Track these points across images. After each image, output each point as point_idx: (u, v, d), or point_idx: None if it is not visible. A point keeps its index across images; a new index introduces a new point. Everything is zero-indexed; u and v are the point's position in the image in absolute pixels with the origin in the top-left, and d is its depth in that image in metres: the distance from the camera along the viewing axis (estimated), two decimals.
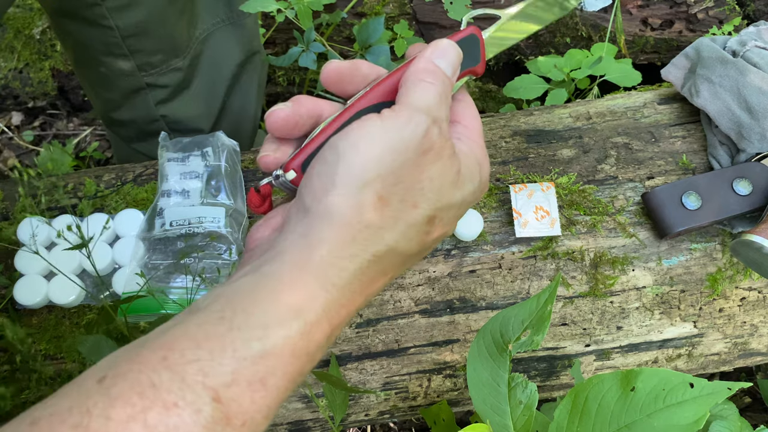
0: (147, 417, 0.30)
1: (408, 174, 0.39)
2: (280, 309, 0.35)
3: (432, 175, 0.40)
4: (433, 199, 0.40)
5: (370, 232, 0.38)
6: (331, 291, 0.36)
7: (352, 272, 0.37)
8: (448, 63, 0.44)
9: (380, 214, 0.38)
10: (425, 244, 0.42)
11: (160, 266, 0.75)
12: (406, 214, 0.39)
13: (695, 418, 0.54)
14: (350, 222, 0.37)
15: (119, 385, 0.31)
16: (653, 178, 0.82)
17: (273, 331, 0.34)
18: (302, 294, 0.35)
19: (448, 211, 0.41)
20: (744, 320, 0.80)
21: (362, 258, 0.38)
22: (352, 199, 0.37)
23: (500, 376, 0.62)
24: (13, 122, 1.40)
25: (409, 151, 0.39)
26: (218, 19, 0.95)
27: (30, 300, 0.75)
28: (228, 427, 0.32)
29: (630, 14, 1.26)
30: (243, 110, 1.04)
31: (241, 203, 0.80)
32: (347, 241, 0.37)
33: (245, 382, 0.33)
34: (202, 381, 0.32)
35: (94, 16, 0.82)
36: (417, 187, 0.39)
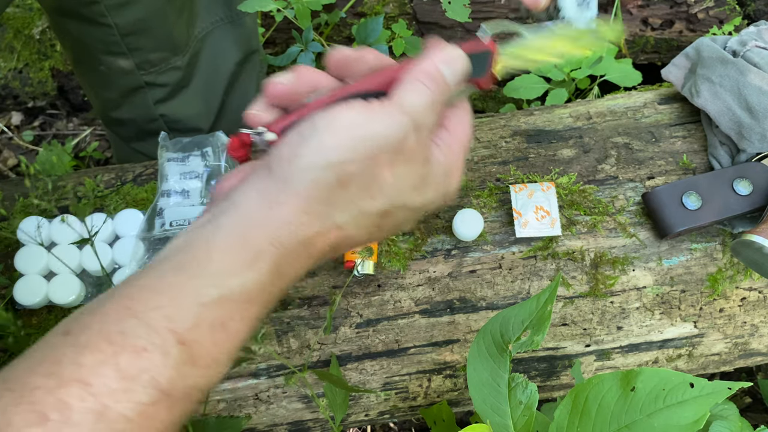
0: (118, 361, 0.32)
1: (374, 167, 0.40)
2: (236, 259, 0.37)
3: (397, 174, 0.41)
4: (391, 196, 0.41)
5: (322, 209, 0.39)
6: (280, 249, 0.38)
7: (301, 238, 0.39)
8: (453, 72, 0.44)
9: (336, 194, 0.39)
10: (373, 235, 0.43)
11: None
12: (362, 202, 0.40)
13: (695, 418, 0.54)
14: (305, 194, 0.39)
15: (86, 335, 0.33)
16: (653, 178, 0.82)
17: (230, 280, 0.36)
18: (252, 248, 0.38)
19: (403, 210, 0.43)
20: (744, 320, 0.80)
21: (311, 228, 0.39)
22: (312, 173, 0.39)
23: (500, 376, 0.61)
24: (13, 122, 1.40)
25: (382, 148, 0.40)
26: (217, 17, 0.95)
27: (30, 300, 0.75)
28: (194, 368, 0.34)
29: (630, 14, 1.26)
30: (242, 109, 1.03)
31: None
32: (300, 210, 0.39)
33: (207, 325, 0.35)
34: (167, 326, 0.34)
35: (92, 14, 0.82)
36: (378, 181, 0.40)
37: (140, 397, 0.32)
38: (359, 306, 0.76)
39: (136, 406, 0.32)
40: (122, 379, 0.31)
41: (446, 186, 0.45)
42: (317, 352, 0.76)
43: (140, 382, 0.32)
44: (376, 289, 0.77)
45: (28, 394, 0.30)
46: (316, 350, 0.76)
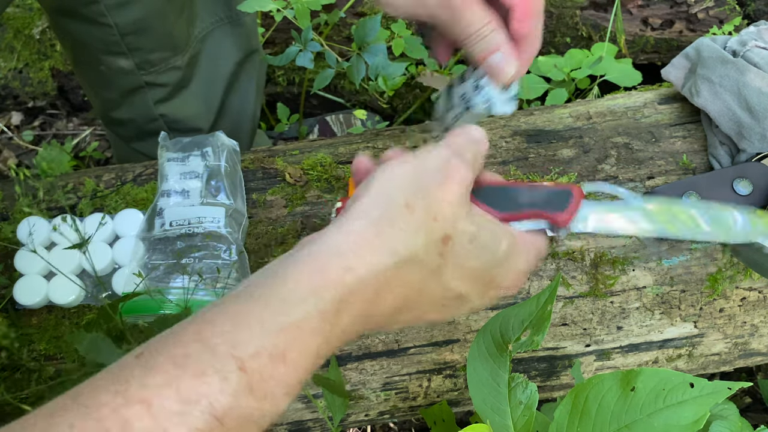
0: (179, 384, 0.33)
1: (432, 190, 0.42)
2: (302, 286, 0.37)
3: (450, 199, 0.43)
4: (450, 219, 0.43)
5: (394, 232, 0.40)
6: (348, 276, 0.38)
7: (373, 264, 0.39)
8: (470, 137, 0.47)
9: (404, 217, 0.41)
10: (441, 269, 0.43)
11: (160, 266, 0.75)
12: (427, 225, 0.42)
13: (695, 418, 0.54)
14: (379, 219, 0.40)
15: (155, 358, 0.34)
16: (653, 178, 0.82)
17: (294, 307, 0.36)
18: (323, 274, 0.38)
19: (461, 236, 0.43)
20: (744, 320, 0.80)
21: (384, 253, 0.40)
22: (382, 200, 0.41)
23: (500, 376, 0.61)
24: (12, 122, 1.40)
25: (431, 174, 0.43)
26: (217, 17, 0.95)
27: (30, 300, 0.75)
28: (251, 398, 0.34)
29: (630, 14, 1.26)
30: (242, 109, 1.04)
31: (240, 203, 0.80)
32: (373, 234, 0.40)
33: (267, 354, 0.35)
34: (230, 351, 0.34)
35: (92, 14, 0.82)
36: (438, 204, 0.42)
37: (196, 422, 0.32)
38: None
39: (190, 431, 0.32)
40: (181, 402, 0.32)
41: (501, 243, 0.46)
42: None
43: (198, 407, 0.32)
44: None
45: (96, 411, 0.31)
46: None
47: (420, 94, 1.30)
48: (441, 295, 0.45)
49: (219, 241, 0.75)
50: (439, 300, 0.45)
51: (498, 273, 0.47)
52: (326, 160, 0.85)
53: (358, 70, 0.94)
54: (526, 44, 0.56)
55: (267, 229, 0.81)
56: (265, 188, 0.84)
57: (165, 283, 0.74)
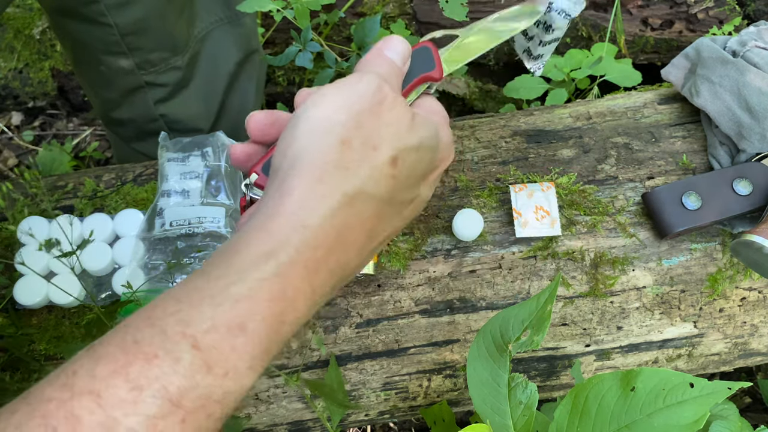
0: (129, 371, 0.30)
1: (366, 120, 0.41)
2: (252, 254, 0.35)
3: (388, 121, 0.42)
4: (391, 141, 0.42)
5: (337, 173, 0.39)
6: (303, 231, 0.36)
7: (324, 213, 0.37)
8: (396, 52, 0.48)
9: (344, 155, 0.39)
10: (394, 190, 0.42)
11: (160, 266, 0.75)
12: (369, 156, 0.40)
13: (695, 418, 0.54)
14: (315, 164, 0.38)
15: (104, 347, 0.32)
16: (653, 178, 0.82)
17: (247, 275, 0.34)
18: (274, 237, 0.36)
19: (408, 153, 0.43)
20: (744, 320, 0.80)
21: (332, 198, 0.38)
22: (315, 144, 0.39)
23: (500, 376, 0.61)
24: (13, 122, 1.40)
25: (365, 101, 0.42)
26: (217, 17, 0.95)
27: (30, 300, 0.75)
28: (210, 376, 0.32)
29: (630, 14, 1.26)
30: (242, 109, 1.04)
31: None
32: (314, 181, 0.38)
33: (224, 327, 0.33)
34: (182, 330, 0.32)
35: (92, 14, 0.82)
36: (375, 132, 0.41)
37: (149, 408, 0.30)
38: (359, 306, 0.77)
39: (144, 419, 0.30)
40: (132, 389, 0.30)
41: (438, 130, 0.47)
42: (317, 352, 0.76)
43: (149, 392, 0.30)
44: (376, 289, 0.77)
45: (42, 407, 0.30)
46: (317, 350, 0.76)
47: None
48: (398, 209, 0.44)
49: (219, 241, 0.75)
50: (397, 214, 0.44)
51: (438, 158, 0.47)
52: None
53: None
54: None
55: None
56: None
57: (165, 283, 0.74)
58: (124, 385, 0.30)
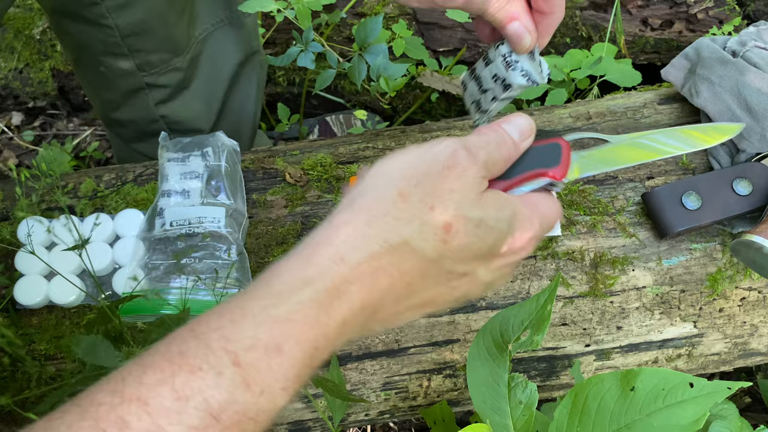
0: (175, 380, 0.32)
1: (430, 180, 0.42)
2: (293, 278, 0.37)
3: (453, 188, 0.42)
4: (450, 207, 0.42)
5: (386, 220, 0.40)
6: (340, 265, 0.38)
7: (363, 252, 0.39)
8: (514, 125, 0.48)
9: (398, 206, 0.41)
10: (443, 255, 0.42)
11: (160, 266, 0.75)
12: (423, 213, 0.41)
13: (695, 418, 0.54)
14: (369, 209, 0.40)
15: (152, 357, 0.34)
16: (653, 178, 0.82)
17: (286, 298, 0.36)
18: (313, 266, 0.38)
19: (465, 223, 0.43)
20: (744, 320, 0.80)
21: (374, 242, 0.39)
22: (376, 190, 0.41)
23: (500, 376, 0.62)
24: (13, 122, 1.40)
25: (435, 163, 0.42)
26: (218, 19, 0.95)
27: (30, 300, 0.75)
28: (248, 393, 0.34)
29: (630, 14, 1.26)
30: (243, 110, 1.04)
31: (241, 203, 0.80)
32: (363, 224, 0.40)
33: (262, 347, 0.34)
34: (224, 346, 0.34)
35: (93, 16, 0.82)
36: (437, 193, 0.42)
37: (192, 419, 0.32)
38: None
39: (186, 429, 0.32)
40: (177, 399, 0.32)
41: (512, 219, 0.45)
42: None
43: (193, 404, 0.32)
44: None
45: (93, 410, 0.31)
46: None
47: (420, 95, 1.30)
48: (446, 276, 0.44)
49: (219, 241, 0.75)
50: (443, 281, 0.44)
51: (506, 244, 0.46)
52: (326, 161, 0.85)
53: (359, 71, 0.94)
54: (547, 20, 0.59)
55: (267, 229, 0.81)
56: (266, 188, 0.84)
57: (165, 283, 0.74)
58: (170, 394, 0.32)
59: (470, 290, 0.46)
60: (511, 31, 0.58)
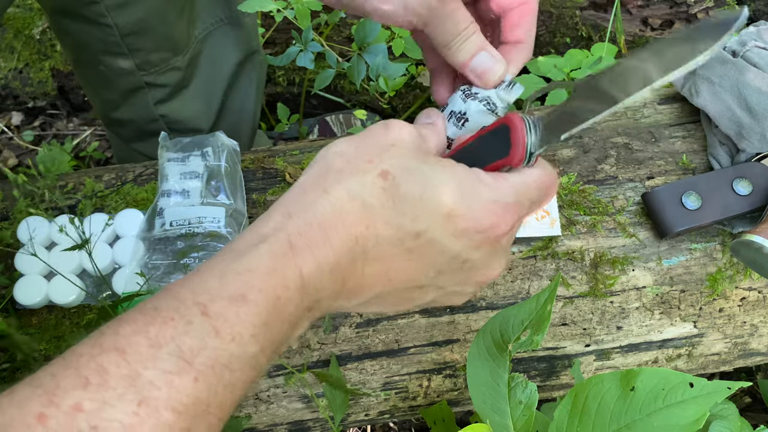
0: (149, 330, 0.35)
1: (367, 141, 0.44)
2: (252, 236, 0.40)
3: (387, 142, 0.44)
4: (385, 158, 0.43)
5: (329, 175, 0.43)
6: (289, 220, 0.41)
7: (308, 205, 0.41)
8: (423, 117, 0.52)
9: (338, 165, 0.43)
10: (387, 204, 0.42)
11: (160, 266, 0.75)
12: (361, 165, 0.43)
13: (695, 418, 0.54)
14: (316, 173, 0.44)
15: (129, 313, 0.36)
16: (653, 178, 0.82)
17: (245, 252, 0.39)
18: (269, 224, 0.41)
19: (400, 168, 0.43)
20: (744, 320, 0.80)
21: (316, 193, 0.42)
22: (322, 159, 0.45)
23: (500, 376, 0.61)
24: (13, 122, 1.40)
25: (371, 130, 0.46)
26: (217, 18, 0.95)
27: (30, 300, 0.75)
28: (218, 339, 0.36)
29: (630, 14, 1.26)
30: (242, 110, 1.04)
31: (241, 203, 0.80)
32: (308, 183, 0.43)
33: (227, 296, 0.37)
34: (192, 298, 0.37)
35: (92, 15, 0.82)
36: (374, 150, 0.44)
37: (165, 364, 0.34)
38: None
39: (162, 374, 0.34)
40: (151, 346, 0.34)
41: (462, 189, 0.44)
42: (317, 352, 0.76)
43: (166, 350, 0.34)
44: None
45: (75, 360, 0.34)
46: (316, 350, 0.76)
47: (420, 94, 1.30)
48: (396, 235, 0.42)
49: (219, 241, 0.75)
50: (397, 241, 0.42)
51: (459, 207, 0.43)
52: None
53: (358, 71, 0.94)
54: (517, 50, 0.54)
55: None
56: (265, 188, 0.84)
57: (165, 283, 0.74)
58: (145, 342, 0.34)
59: (437, 256, 0.44)
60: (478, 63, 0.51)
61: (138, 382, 0.33)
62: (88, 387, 0.32)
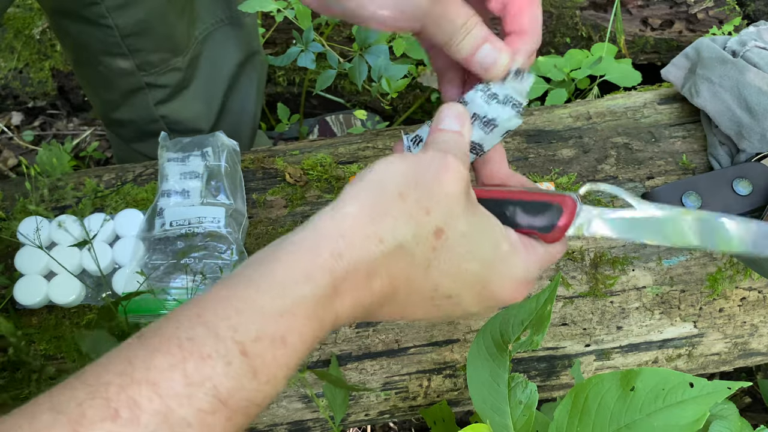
0: (186, 366, 0.34)
1: (426, 182, 0.42)
2: (296, 270, 0.38)
3: (447, 191, 0.43)
4: (442, 212, 0.43)
5: (385, 220, 0.41)
6: (339, 261, 0.39)
7: (362, 252, 0.40)
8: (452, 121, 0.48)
9: (397, 206, 0.41)
10: (431, 265, 0.43)
11: (160, 266, 0.75)
12: (418, 216, 0.42)
13: (695, 418, 0.54)
14: (371, 206, 0.41)
15: (158, 338, 0.35)
16: (653, 178, 0.82)
17: (289, 291, 0.38)
18: (315, 260, 0.39)
19: (454, 232, 0.43)
20: (744, 320, 0.80)
21: (372, 241, 0.40)
22: (375, 187, 0.42)
23: (500, 376, 0.62)
24: (13, 122, 1.40)
25: (432, 165, 0.43)
26: (217, 18, 0.95)
27: (30, 300, 0.75)
28: (255, 381, 0.35)
29: (630, 14, 1.26)
30: (242, 110, 1.04)
31: (241, 203, 0.80)
32: (363, 220, 0.41)
33: (268, 338, 0.36)
34: (232, 336, 0.35)
35: (93, 15, 0.82)
36: (433, 196, 0.42)
37: (201, 404, 0.33)
38: None
39: (196, 412, 0.33)
40: (187, 384, 0.33)
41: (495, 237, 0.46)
42: (317, 352, 0.76)
43: (202, 389, 0.33)
44: None
45: (103, 390, 0.32)
46: (316, 350, 0.76)
47: (420, 95, 1.30)
48: (430, 292, 0.44)
49: (219, 241, 0.75)
50: (428, 297, 0.45)
51: (493, 278, 0.46)
52: (326, 160, 0.85)
53: (360, 72, 0.94)
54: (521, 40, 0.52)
55: (267, 229, 0.81)
56: (265, 188, 0.84)
57: (165, 283, 0.74)
58: (181, 379, 0.33)
59: (449, 315, 0.47)
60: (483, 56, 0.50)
61: (171, 420, 0.32)
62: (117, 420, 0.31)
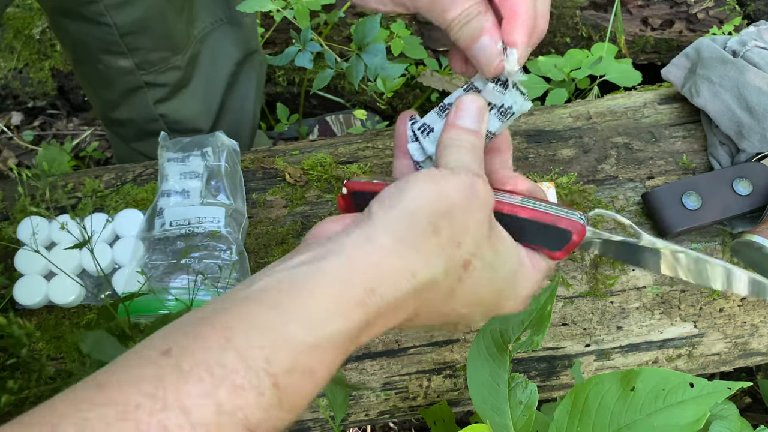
0: (218, 394, 0.34)
1: (459, 214, 0.42)
2: (329, 303, 0.38)
3: (476, 219, 0.43)
4: (472, 243, 0.43)
5: (418, 255, 0.41)
6: (372, 298, 0.39)
7: (395, 289, 0.40)
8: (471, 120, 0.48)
9: (430, 240, 0.41)
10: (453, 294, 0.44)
11: (160, 266, 0.75)
12: (450, 250, 0.42)
13: (695, 418, 0.54)
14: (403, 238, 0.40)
15: (188, 361, 0.34)
16: (653, 178, 0.82)
17: (322, 326, 0.38)
18: (348, 296, 0.39)
19: (481, 259, 0.44)
20: (744, 320, 0.80)
21: (404, 276, 0.40)
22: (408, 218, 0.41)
23: (500, 376, 0.61)
24: (12, 122, 1.40)
25: (462, 192, 0.42)
26: (216, 18, 0.95)
27: (30, 300, 0.75)
28: (281, 412, 0.36)
29: (630, 14, 1.26)
30: (242, 110, 1.04)
31: (240, 203, 0.80)
32: (397, 254, 0.40)
33: (300, 371, 0.36)
34: (265, 368, 0.35)
35: (92, 14, 0.82)
36: (464, 227, 0.42)
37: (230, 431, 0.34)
38: None
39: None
40: (219, 413, 0.33)
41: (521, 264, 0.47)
42: None
43: (234, 419, 0.34)
44: None
45: (133, 411, 0.32)
46: None
47: (420, 94, 1.30)
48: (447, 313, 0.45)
49: (219, 241, 0.75)
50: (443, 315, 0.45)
51: (505, 298, 0.47)
52: (326, 160, 0.85)
53: (357, 71, 0.94)
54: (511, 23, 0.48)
55: (267, 229, 0.81)
56: (265, 188, 0.84)
57: (165, 283, 0.74)
58: (213, 407, 0.33)
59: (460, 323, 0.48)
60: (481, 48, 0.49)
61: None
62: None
